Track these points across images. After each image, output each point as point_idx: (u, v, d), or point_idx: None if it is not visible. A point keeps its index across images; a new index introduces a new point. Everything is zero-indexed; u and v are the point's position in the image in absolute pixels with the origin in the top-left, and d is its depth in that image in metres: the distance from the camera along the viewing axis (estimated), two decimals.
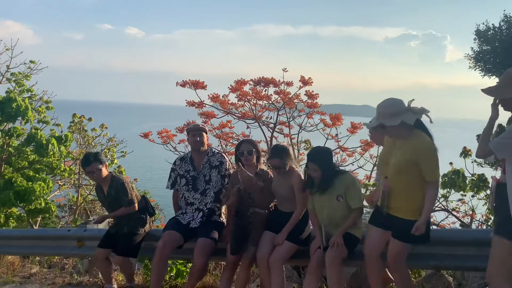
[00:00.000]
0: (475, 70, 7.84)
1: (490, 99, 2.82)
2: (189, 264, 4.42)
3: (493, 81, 7.99)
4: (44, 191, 8.15)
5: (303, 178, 3.65)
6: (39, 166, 9.22)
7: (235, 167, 4.22)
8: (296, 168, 3.74)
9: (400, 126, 2.95)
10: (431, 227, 3.20)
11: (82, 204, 12.15)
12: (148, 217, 4.25)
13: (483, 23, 7.32)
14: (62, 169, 9.28)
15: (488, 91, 2.77)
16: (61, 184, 11.49)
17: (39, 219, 10.39)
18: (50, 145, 8.43)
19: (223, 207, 4.16)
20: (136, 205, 4.17)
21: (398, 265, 3.17)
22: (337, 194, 3.44)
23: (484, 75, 7.71)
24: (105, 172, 4.14)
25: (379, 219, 3.24)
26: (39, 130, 9.21)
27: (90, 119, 11.56)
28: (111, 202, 4.18)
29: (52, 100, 11.70)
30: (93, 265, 4.89)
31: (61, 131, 10.74)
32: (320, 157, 3.47)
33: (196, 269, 3.78)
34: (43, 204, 8.65)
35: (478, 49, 7.54)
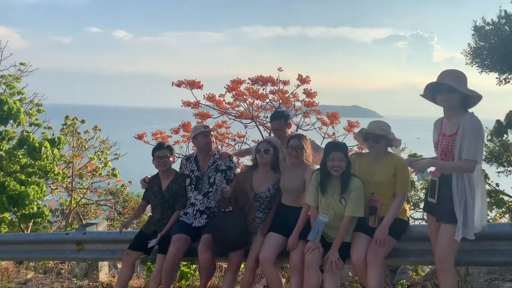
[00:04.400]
0: (472, 66, 7.86)
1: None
2: (193, 265, 4.34)
3: (491, 76, 8.04)
4: (38, 195, 7.97)
5: (317, 174, 3.54)
6: (31, 170, 9.02)
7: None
8: (310, 163, 3.70)
9: (384, 145, 3.43)
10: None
11: (75, 208, 11.95)
12: None
13: (481, 19, 7.35)
14: (55, 173, 9.09)
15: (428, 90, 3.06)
16: (54, 188, 11.28)
17: (31, 224, 10.18)
18: (43, 148, 8.25)
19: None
20: None
21: (379, 259, 3.26)
22: (341, 196, 3.37)
23: (481, 71, 7.72)
24: (171, 164, 4.12)
25: (367, 227, 3.39)
26: (30, 133, 9.01)
27: (83, 121, 11.38)
28: (166, 197, 4.06)
29: (43, 103, 11.47)
30: (93, 269, 4.76)
31: (53, 134, 10.53)
32: (344, 147, 3.42)
33: (202, 266, 3.71)
34: (35, 209, 8.46)
35: (475, 45, 7.55)
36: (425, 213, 3.37)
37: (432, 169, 3.16)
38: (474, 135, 2.85)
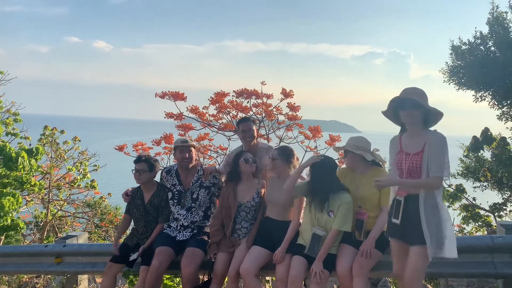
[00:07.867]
0: (449, 84, 8.20)
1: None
2: (177, 278, 4.27)
3: (468, 94, 8.39)
4: (13, 207, 7.69)
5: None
6: (7, 181, 8.72)
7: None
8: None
9: (362, 159, 3.45)
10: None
11: (51, 221, 11.57)
12: None
13: (458, 39, 7.72)
14: (32, 184, 8.81)
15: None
16: (29, 199, 10.93)
17: (3, 237, 9.80)
18: (20, 158, 7.99)
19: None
20: None
21: (364, 271, 3.28)
22: (329, 210, 3.40)
23: (458, 89, 8.07)
24: (151, 178, 4.08)
25: (353, 239, 3.44)
26: (7, 143, 8.74)
27: (62, 132, 11.14)
28: (148, 211, 4.01)
29: (20, 113, 11.19)
30: (71, 283, 4.62)
31: (30, 144, 10.25)
32: (318, 165, 3.47)
33: (185, 280, 3.66)
34: (9, 221, 8.15)
35: (452, 64, 7.88)
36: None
37: (395, 188, 3.04)
38: (441, 152, 2.80)
